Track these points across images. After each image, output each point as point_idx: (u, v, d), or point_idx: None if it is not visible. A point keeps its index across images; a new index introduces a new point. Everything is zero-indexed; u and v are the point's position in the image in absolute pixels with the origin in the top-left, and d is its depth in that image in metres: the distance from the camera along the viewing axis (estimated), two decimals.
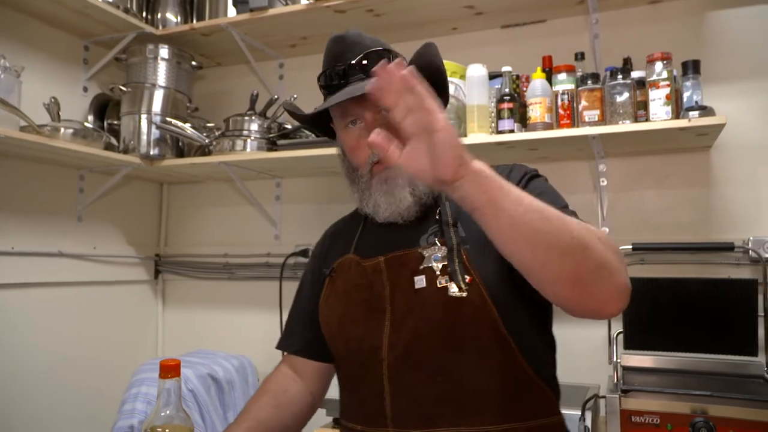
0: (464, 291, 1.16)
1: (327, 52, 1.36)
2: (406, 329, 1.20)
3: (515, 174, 1.29)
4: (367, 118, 1.26)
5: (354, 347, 1.27)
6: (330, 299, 1.36)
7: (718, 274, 2.16)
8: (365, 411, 1.24)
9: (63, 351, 2.52)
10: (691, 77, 2.01)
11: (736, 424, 1.71)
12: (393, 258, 1.26)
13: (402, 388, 1.19)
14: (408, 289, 1.22)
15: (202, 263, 3.02)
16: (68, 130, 2.25)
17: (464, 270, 1.18)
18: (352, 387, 1.31)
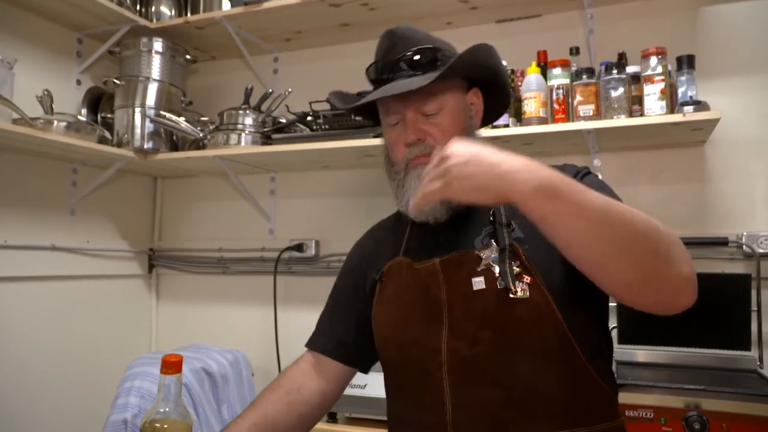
0: (526, 292, 1.14)
1: (378, 46, 1.32)
2: (467, 333, 1.16)
3: (570, 171, 1.25)
4: (408, 118, 1.25)
5: (410, 352, 1.23)
6: (383, 304, 1.32)
7: (711, 268, 2.16)
8: (424, 418, 1.19)
9: (56, 345, 2.51)
10: (685, 72, 2.02)
11: (729, 418, 1.71)
12: (449, 260, 1.23)
13: (464, 394, 1.15)
14: (466, 292, 1.18)
15: (196, 257, 3.01)
16: (61, 123, 2.24)
17: (525, 270, 1.15)
18: (406, 394, 1.25)
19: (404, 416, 1.26)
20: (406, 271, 1.29)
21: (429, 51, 1.27)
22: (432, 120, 1.25)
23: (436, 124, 1.25)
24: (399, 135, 1.27)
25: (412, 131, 1.24)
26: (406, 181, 1.27)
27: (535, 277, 1.14)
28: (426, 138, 1.24)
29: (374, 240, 1.49)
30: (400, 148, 1.27)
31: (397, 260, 1.33)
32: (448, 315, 1.19)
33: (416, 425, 1.21)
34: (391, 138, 1.30)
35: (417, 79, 1.22)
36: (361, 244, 1.52)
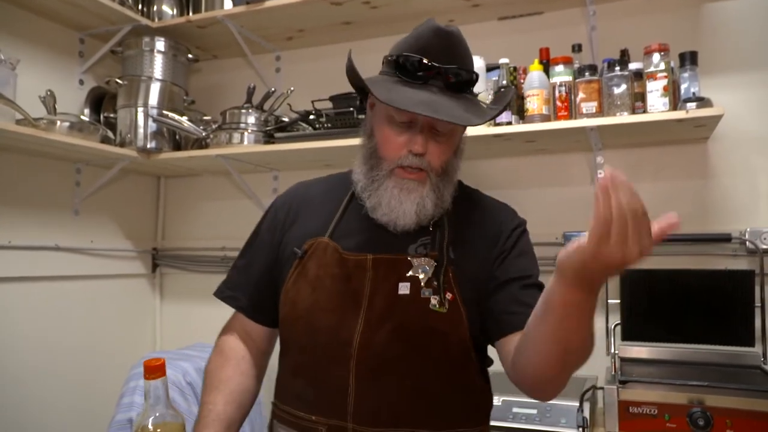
0: (445, 307, 1.22)
1: (418, 36, 1.28)
2: (383, 330, 1.21)
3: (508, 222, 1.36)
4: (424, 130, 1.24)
5: (321, 338, 1.26)
6: (299, 282, 1.31)
7: (715, 265, 2.16)
8: (325, 403, 1.24)
9: (60, 345, 2.52)
10: (688, 68, 2.01)
11: (732, 414, 1.72)
12: (382, 259, 1.27)
13: (368, 386, 1.20)
14: (390, 293, 1.24)
15: (199, 257, 3.01)
16: (64, 123, 2.25)
17: (449, 287, 1.24)
18: (310, 377, 1.28)
19: (303, 396, 1.28)
20: (332, 255, 1.30)
21: (472, 74, 1.28)
22: (440, 140, 1.27)
23: (440, 143, 1.27)
24: (401, 136, 1.26)
25: (421, 145, 1.24)
26: (384, 184, 1.28)
27: (456, 296, 1.24)
28: (426, 154, 1.25)
29: (301, 202, 1.44)
30: (397, 149, 1.27)
31: (321, 241, 1.32)
32: (367, 310, 1.24)
33: (315, 406, 1.25)
34: (390, 134, 1.28)
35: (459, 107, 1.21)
36: (287, 202, 1.47)
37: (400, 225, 1.27)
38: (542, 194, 2.45)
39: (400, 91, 1.22)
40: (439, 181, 1.28)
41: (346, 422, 1.20)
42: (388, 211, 1.27)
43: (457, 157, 1.34)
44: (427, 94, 1.22)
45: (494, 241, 1.31)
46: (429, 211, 1.27)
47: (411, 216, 1.26)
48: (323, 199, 1.43)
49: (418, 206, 1.26)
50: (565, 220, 2.35)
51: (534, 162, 2.45)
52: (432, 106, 1.18)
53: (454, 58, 1.25)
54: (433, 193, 1.27)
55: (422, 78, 1.24)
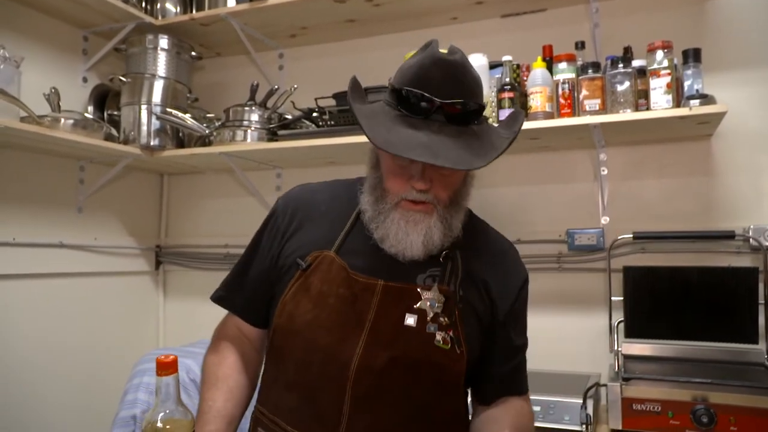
0: (448, 344, 1.24)
1: (423, 69, 1.21)
2: (382, 357, 1.22)
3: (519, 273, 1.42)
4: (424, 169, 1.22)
5: (319, 356, 1.24)
6: (298, 295, 1.29)
7: (718, 262, 2.16)
8: (319, 422, 1.23)
9: (64, 342, 2.52)
10: (691, 66, 2.01)
11: (736, 411, 1.72)
12: (393, 287, 1.26)
13: (363, 410, 1.21)
14: (396, 322, 1.24)
15: (202, 254, 3.02)
16: (68, 121, 2.25)
17: (454, 325, 1.26)
18: (304, 394, 1.26)
19: (294, 410, 1.27)
20: (338, 272, 1.27)
21: (477, 106, 1.23)
22: (443, 172, 1.23)
23: (446, 177, 1.25)
24: (404, 169, 1.24)
25: (424, 182, 1.22)
26: (390, 216, 1.26)
27: (460, 334, 1.26)
28: (431, 188, 1.24)
29: (307, 210, 1.40)
30: (401, 183, 1.25)
31: (327, 255, 1.29)
32: (369, 335, 1.23)
33: (307, 424, 1.25)
34: (393, 168, 1.25)
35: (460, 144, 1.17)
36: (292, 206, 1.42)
37: (408, 256, 1.26)
38: (545, 191, 2.45)
39: (400, 132, 1.18)
40: (446, 212, 1.27)
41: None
42: (395, 243, 1.25)
43: (467, 185, 1.32)
44: (427, 134, 1.17)
45: (505, 292, 1.36)
46: (436, 242, 1.26)
47: (418, 247, 1.24)
48: (328, 208, 1.39)
49: (425, 237, 1.24)
50: (567, 218, 2.36)
51: (537, 159, 2.45)
52: (431, 149, 1.14)
53: (458, 90, 1.19)
54: (441, 224, 1.26)
55: (424, 112, 1.19)
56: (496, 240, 1.44)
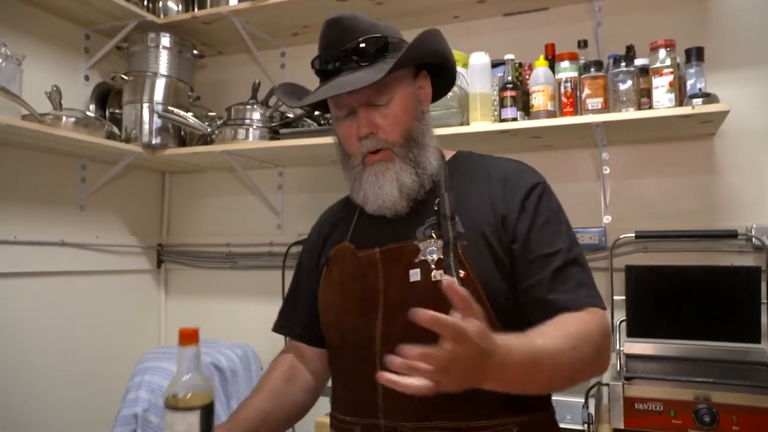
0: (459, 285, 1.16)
1: (321, 36, 1.33)
2: (400, 322, 1.17)
3: (525, 180, 1.28)
4: (359, 112, 1.26)
5: (349, 338, 1.27)
6: (327, 289, 1.35)
7: (721, 261, 2.15)
8: (357, 402, 1.24)
9: (65, 340, 2.52)
10: (694, 64, 2.01)
11: (738, 411, 1.71)
12: (389, 250, 1.26)
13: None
14: (402, 282, 1.22)
15: (204, 252, 3.02)
16: (70, 119, 2.25)
17: (460, 264, 1.18)
18: (344, 378, 1.30)
19: (341, 398, 1.30)
20: (350, 257, 1.31)
21: (376, 40, 1.26)
22: (383, 111, 1.26)
23: (386, 116, 1.26)
24: (351, 128, 1.28)
25: (364, 125, 1.25)
26: (363, 176, 1.29)
27: (468, 272, 1.18)
28: (377, 131, 1.26)
29: (329, 222, 1.49)
30: (353, 142, 1.29)
31: (342, 245, 1.35)
32: (384, 305, 1.23)
33: (350, 406, 1.26)
34: (343, 131, 1.31)
35: (366, 72, 1.23)
36: (316, 227, 1.53)
37: (390, 207, 1.27)
38: None
39: (318, 90, 1.29)
40: (408, 151, 1.28)
41: (378, 419, 1.20)
42: (374, 199, 1.27)
43: (420, 121, 1.31)
44: (338, 78, 1.25)
45: (508, 207, 1.24)
46: (411, 184, 1.26)
47: (394, 195, 1.25)
48: (344, 211, 1.46)
49: (398, 182, 1.26)
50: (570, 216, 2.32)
51: (539, 158, 2.44)
52: (336, 86, 1.23)
53: (351, 36, 1.26)
54: (408, 165, 1.27)
55: (334, 69, 1.28)
56: (497, 166, 1.34)
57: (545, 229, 1.23)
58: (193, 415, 1.08)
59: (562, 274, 1.19)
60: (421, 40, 1.25)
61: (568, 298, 1.16)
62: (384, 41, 1.27)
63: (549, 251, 1.20)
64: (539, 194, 1.27)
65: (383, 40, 1.27)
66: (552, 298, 1.17)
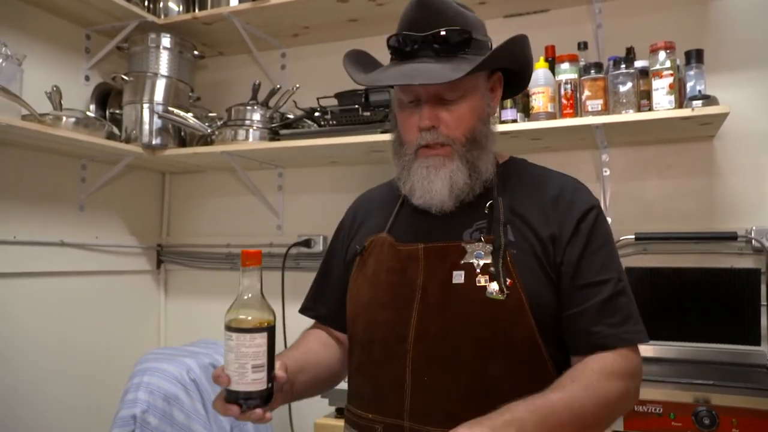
0: (504, 294, 1.12)
1: (405, 14, 1.24)
2: (437, 323, 1.15)
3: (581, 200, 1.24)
4: (425, 102, 1.21)
5: (379, 334, 1.22)
6: (359, 279, 1.31)
7: (721, 263, 2.15)
8: (382, 401, 1.19)
9: (65, 341, 2.52)
10: (694, 66, 2.01)
11: (738, 413, 1.71)
12: (434, 247, 1.22)
13: (425, 383, 1.14)
14: (444, 282, 1.18)
15: (204, 253, 3.02)
16: (70, 119, 2.25)
17: (507, 273, 1.14)
18: (369, 374, 1.25)
19: (363, 394, 1.25)
20: (388, 249, 1.28)
21: (460, 33, 1.20)
22: (450, 107, 1.21)
23: (452, 111, 1.21)
24: (412, 116, 1.24)
25: (427, 117, 1.20)
26: (413, 167, 1.25)
27: (515, 281, 1.14)
28: (440, 125, 1.21)
29: (365, 207, 1.45)
30: (412, 130, 1.24)
31: (380, 236, 1.31)
32: (420, 302, 1.19)
33: (373, 404, 1.21)
34: (403, 117, 1.26)
35: (443, 65, 1.17)
36: (352, 210, 1.49)
37: (437, 205, 1.23)
38: None
39: (389, 71, 1.23)
40: (468, 152, 1.22)
41: (403, 420, 1.15)
42: (422, 193, 1.23)
43: (485, 124, 1.26)
44: (413, 65, 1.19)
45: (562, 228, 1.20)
46: (462, 186, 1.22)
47: (444, 193, 1.21)
48: (383, 198, 1.42)
49: (450, 181, 1.21)
50: None
51: (539, 159, 2.39)
52: (410, 75, 1.17)
53: (438, 22, 1.20)
54: (464, 166, 1.22)
55: (411, 52, 1.21)
56: (552, 179, 1.30)
57: (597, 255, 1.19)
58: (260, 336, 1.07)
59: (610, 305, 1.16)
60: (507, 47, 1.21)
61: (611, 333, 1.14)
62: (467, 35, 1.21)
63: (599, 279, 1.17)
64: (595, 218, 1.23)
65: (467, 34, 1.21)
66: (596, 331, 1.13)
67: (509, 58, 1.25)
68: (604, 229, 1.24)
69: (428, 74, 1.16)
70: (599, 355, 1.12)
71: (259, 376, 1.06)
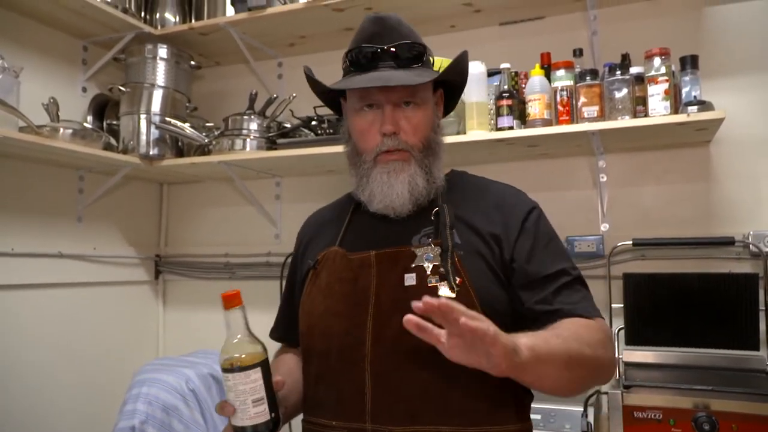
0: (455, 291, 1.18)
1: (361, 29, 1.34)
2: (392, 325, 1.17)
3: (522, 203, 1.34)
4: (387, 111, 1.28)
5: (336, 342, 1.25)
6: (312, 292, 1.34)
7: (718, 268, 2.15)
8: (343, 406, 1.22)
9: (63, 352, 2.52)
10: (689, 72, 2.02)
11: (738, 419, 1.71)
12: (385, 253, 1.26)
13: (384, 384, 1.18)
14: (397, 286, 1.22)
15: (202, 263, 3.02)
16: (67, 131, 2.25)
17: (456, 272, 1.20)
18: (329, 382, 1.27)
19: (324, 402, 1.28)
20: (340, 260, 1.31)
21: (416, 46, 1.31)
22: (408, 114, 1.28)
23: (410, 119, 1.29)
24: (372, 122, 1.30)
25: (390, 122, 1.27)
26: (372, 173, 1.30)
27: (464, 279, 1.20)
28: (399, 132, 1.28)
29: (317, 223, 1.52)
30: (372, 137, 1.30)
31: (332, 250, 1.34)
32: (375, 307, 1.23)
33: (335, 412, 1.24)
34: (361, 124, 1.32)
35: (405, 74, 1.26)
36: (304, 227, 1.56)
37: (397, 208, 1.28)
38: (544, 198, 2.40)
39: (354, 78, 1.30)
40: (424, 158, 1.31)
41: (365, 423, 1.19)
42: (381, 197, 1.29)
43: (436, 134, 1.35)
44: (377, 73, 1.27)
45: (507, 230, 1.27)
46: (421, 190, 1.29)
47: (405, 196, 1.28)
48: (332, 216, 1.48)
49: (410, 185, 1.28)
50: (567, 225, 2.35)
51: (536, 166, 2.45)
52: (381, 79, 1.25)
53: (395, 37, 1.30)
54: (421, 170, 1.30)
55: (371, 64, 1.29)
56: (492, 187, 1.40)
57: (547, 250, 1.28)
58: (254, 372, 1.12)
59: (567, 289, 1.24)
60: (459, 61, 1.34)
61: (575, 307, 1.22)
62: (423, 49, 1.32)
63: (553, 271, 1.25)
64: (537, 217, 1.32)
65: (422, 48, 1.32)
66: (560, 307, 1.21)
67: (460, 71, 1.38)
68: (548, 227, 1.34)
69: (398, 79, 1.25)
70: (568, 318, 1.20)
71: (261, 409, 1.13)
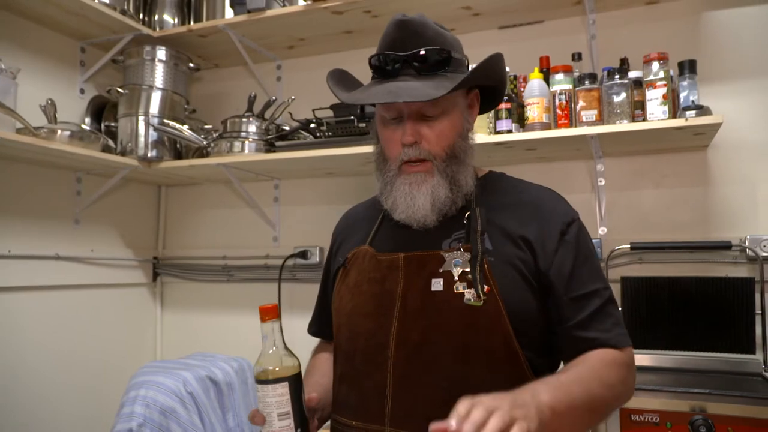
0: (481, 300, 1.16)
1: (385, 34, 1.31)
2: (417, 329, 1.19)
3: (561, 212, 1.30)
4: (407, 119, 1.25)
5: (361, 343, 1.25)
6: (342, 290, 1.35)
7: (715, 272, 2.16)
8: (364, 407, 1.22)
9: (61, 354, 2.51)
10: (687, 77, 2.02)
11: (734, 422, 1.71)
12: (414, 256, 1.26)
13: (406, 388, 1.18)
14: (423, 290, 1.21)
15: (200, 266, 3.01)
16: (65, 132, 2.25)
17: (484, 279, 1.18)
18: (352, 382, 1.27)
19: (348, 402, 1.28)
20: (369, 260, 1.32)
21: (439, 52, 1.26)
22: (431, 123, 1.26)
23: (433, 128, 1.26)
24: (395, 133, 1.28)
25: (410, 133, 1.25)
26: (396, 183, 1.29)
27: (492, 287, 1.17)
28: (422, 141, 1.25)
29: (348, 223, 1.52)
30: (395, 147, 1.28)
31: (362, 248, 1.35)
32: (400, 311, 1.22)
33: (356, 412, 1.24)
34: (386, 134, 1.30)
35: (425, 83, 1.22)
36: (340, 223, 1.56)
37: (419, 220, 1.26)
38: None
39: (371, 89, 1.27)
40: (448, 167, 1.27)
41: (384, 426, 1.18)
42: (404, 208, 1.27)
43: (464, 139, 1.31)
44: (395, 83, 1.23)
45: (544, 240, 1.23)
46: (444, 200, 1.26)
47: (426, 208, 1.25)
48: (365, 215, 1.47)
49: (432, 196, 1.25)
50: None
51: (535, 170, 2.46)
52: (394, 93, 1.20)
53: (418, 42, 1.25)
54: (445, 181, 1.26)
55: (393, 71, 1.26)
56: (530, 191, 1.36)
57: (584, 267, 1.24)
58: (282, 386, 1.14)
59: (602, 313, 1.21)
60: (486, 65, 1.27)
61: (609, 337, 1.20)
62: (447, 54, 1.27)
63: (588, 290, 1.22)
64: (578, 229, 1.28)
65: (446, 53, 1.27)
66: (596, 336, 1.19)
67: (486, 75, 1.30)
68: (588, 241, 1.30)
69: (411, 92, 1.20)
70: (597, 350, 1.18)
71: (286, 423, 1.14)
